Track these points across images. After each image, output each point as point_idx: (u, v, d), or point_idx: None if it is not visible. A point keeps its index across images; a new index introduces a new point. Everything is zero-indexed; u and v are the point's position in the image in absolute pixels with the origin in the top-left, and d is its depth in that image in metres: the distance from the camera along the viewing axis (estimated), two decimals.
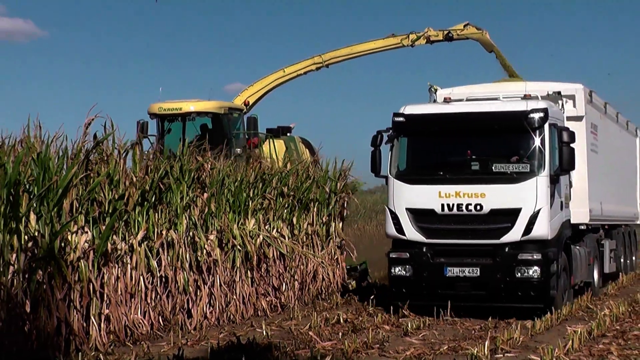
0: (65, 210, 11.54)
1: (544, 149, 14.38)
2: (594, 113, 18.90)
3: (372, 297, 16.26)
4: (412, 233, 14.84)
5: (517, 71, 24.65)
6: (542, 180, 14.29)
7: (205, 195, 14.63)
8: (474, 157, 15.06)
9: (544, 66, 78.36)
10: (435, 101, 17.11)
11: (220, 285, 14.41)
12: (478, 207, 14.44)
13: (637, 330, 13.25)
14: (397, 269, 15.01)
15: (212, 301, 14.21)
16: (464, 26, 26.26)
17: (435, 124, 15.14)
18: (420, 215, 14.85)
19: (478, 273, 14.45)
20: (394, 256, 15.11)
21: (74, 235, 11.57)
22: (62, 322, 10.95)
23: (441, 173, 15.16)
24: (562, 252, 15.14)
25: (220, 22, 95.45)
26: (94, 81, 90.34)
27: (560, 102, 16.95)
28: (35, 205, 11.14)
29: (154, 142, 22.02)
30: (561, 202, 15.24)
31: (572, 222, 16.96)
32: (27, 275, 10.84)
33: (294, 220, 17.17)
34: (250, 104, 26.52)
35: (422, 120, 15.21)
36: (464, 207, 14.51)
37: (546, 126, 14.43)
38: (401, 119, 15.23)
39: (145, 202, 13.26)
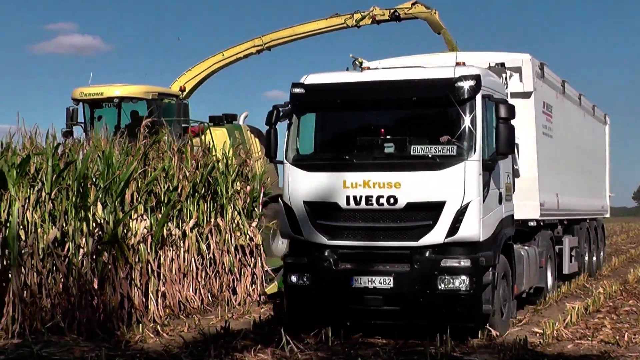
0: (127, 200, 13.67)
1: (475, 127, 11.31)
2: (547, 90, 16.07)
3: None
4: (310, 233, 11.78)
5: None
6: (472, 166, 11.21)
7: (249, 187, 17.29)
8: (388, 137, 11.93)
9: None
10: None
11: (262, 266, 16.60)
12: (391, 201, 11.36)
13: (627, 306, 15.16)
14: (293, 278, 11.95)
15: (254, 280, 16.42)
16: (412, 4, 24.50)
17: (341, 95, 12.01)
18: (320, 211, 11.77)
19: (391, 284, 11.36)
20: (289, 261, 12.11)
21: (135, 222, 13.63)
22: (125, 298, 12.89)
23: (347, 157, 12.02)
24: (501, 255, 12.12)
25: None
26: None
27: (504, 75, 14.05)
28: (101, 196, 13.23)
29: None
30: (500, 193, 12.19)
31: (517, 217, 14.16)
32: (94, 257, 12.74)
33: None
34: (188, 90, 24.97)
35: (325, 91, 12.11)
36: (374, 201, 11.43)
37: (478, 98, 11.37)
38: (300, 90, 12.14)
39: (196, 194, 15.79)
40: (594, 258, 21.58)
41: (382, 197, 11.41)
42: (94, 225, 12.96)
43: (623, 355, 10.77)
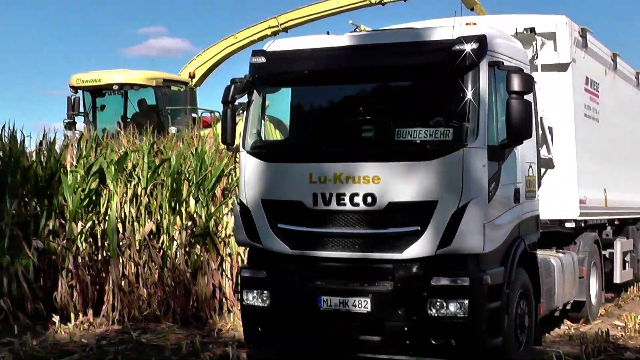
0: (218, 195, 14.13)
1: (479, 104, 8.58)
2: (592, 64, 13.17)
3: None
4: (270, 240, 9.21)
5: None
6: (473, 154, 8.50)
7: None
8: (367, 117, 9.37)
9: None
10: None
11: None
12: (369, 200, 8.73)
13: None
14: (250, 296, 9.37)
15: None
16: None
17: (308, 62, 9.32)
18: (282, 212, 9.20)
19: (368, 307, 8.72)
20: (246, 275, 9.52)
21: (225, 216, 13.85)
22: (216, 288, 13.34)
23: (314, 144, 9.54)
24: (519, 269, 9.40)
25: None
26: None
27: (534, 43, 11.30)
28: (193, 191, 13.85)
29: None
30: (516, 190, 9.44)
31: (551, 218, 11.50)
32: (187, 249, 13.41)
33: None
34: (198, 76, 23.83)
35: (291, 60, 9.41)
36: (347, 200, 8.80)
37: (483, 66, 8.64)
38: (261, 59, 9.53)
39: None
40: None
41: (358, 195, 8.78)
42: (187, 218, 13.69)
43: None
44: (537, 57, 11.33)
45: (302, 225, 9.11)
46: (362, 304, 8.82)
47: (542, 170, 10.92)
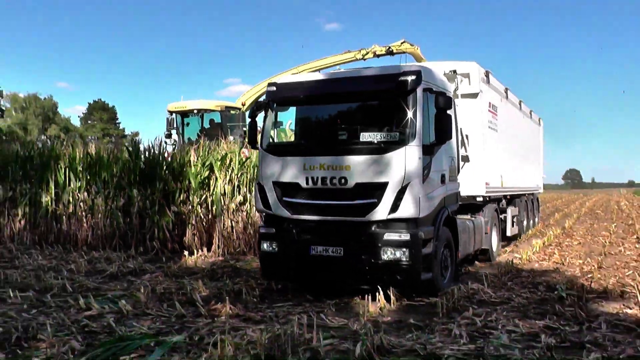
0: None
1: (416, 116, 8.17)
2: (492, 94, 12.55)
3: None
4: (277, 208, 8.82)
5: None
6: (412, 150, 8.13)
7: None
8: (342, 126, 8.86)
9: None
10: None
11: None
12: (342, 181, 8.33)
13: (567, 242, 15.89)
14: (265, 245, 9.01)
15: None
16: (401, 43, 22.90)
17: (303, 90, 8.92)
18: (285, 189, 8.77)
19: (342, 253, 8.39)
20: (262, 231, 9.14)
21: None
22: None
23: (307, 144, 9.11)
24: (444, 228, 9.00)
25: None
26: None
27: (456, 80, 10.80)
28: None
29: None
30: (442, 175, 9.01)
31: (467, 194, 11.16)
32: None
33: None
34: (247, 104, 23.13)
35: (291, 87, 9.01)
36: (328, 181, 8.41)
37: (419, 90, 8.24)
38: (273, 88, 9.19)
39: None
40: (531, 221, 18.25)
41: (335, 178, 8.39)
42: None
43: (566, 269, 11.23)
44: (457, 89, 10.93)
45: (298, 198, 8.70)
46: (338, 252, 8.44)
47: (462, 163, 10.57)
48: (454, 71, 10.91)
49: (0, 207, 15.10)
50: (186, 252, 12.79)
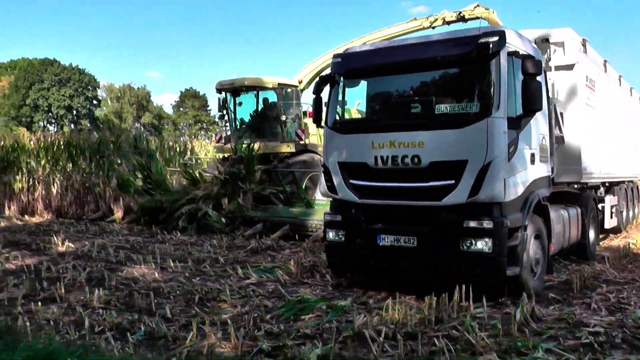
0: None
1: (500, 84, 7.03)
2: (590, 66, 10.99)
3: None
4: (344, 192, 7.94)
5: None
6: (495, 123, 6.96)
7: None
8: (415, 97, 7.80)
9: None
10: None
11: None
12: (415, 160, 7.35)
13: None
14: (331, 234, 8.15)
15: None
16: (474, 7, 19.67)
17: (372, 60, 7.95)
18: (352, 171, 7.87)
19: (415, 243, 7.38)
20: (327, 218, 8.29)
21: None
22: None
23: (375, 119, 8.14)
24: (534, 216, 7.82)
25: None
26: None
27: (548, 50, 9.54)
28: None
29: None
30: (532, 154, 7.78)
31: (562, 181, 9.80)
32: None
33: None
34: (305, 81, 21.02)
35: (359, 57, 8.07)
36: (399, 160, 7.43)
37: (502, 54, 7.08)
38: (338, 59, 8.28)
39: None
40: (631, 212, 16.15)
41: (407, 156, 7.39)
42: None
43: None
44: (550, 60, 9.65)
45: (366, 181, 7.77)
46: (410, 242, 7.44)
47: (555, 145, 9.27)
48: (546, 39, 9.62)
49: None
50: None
